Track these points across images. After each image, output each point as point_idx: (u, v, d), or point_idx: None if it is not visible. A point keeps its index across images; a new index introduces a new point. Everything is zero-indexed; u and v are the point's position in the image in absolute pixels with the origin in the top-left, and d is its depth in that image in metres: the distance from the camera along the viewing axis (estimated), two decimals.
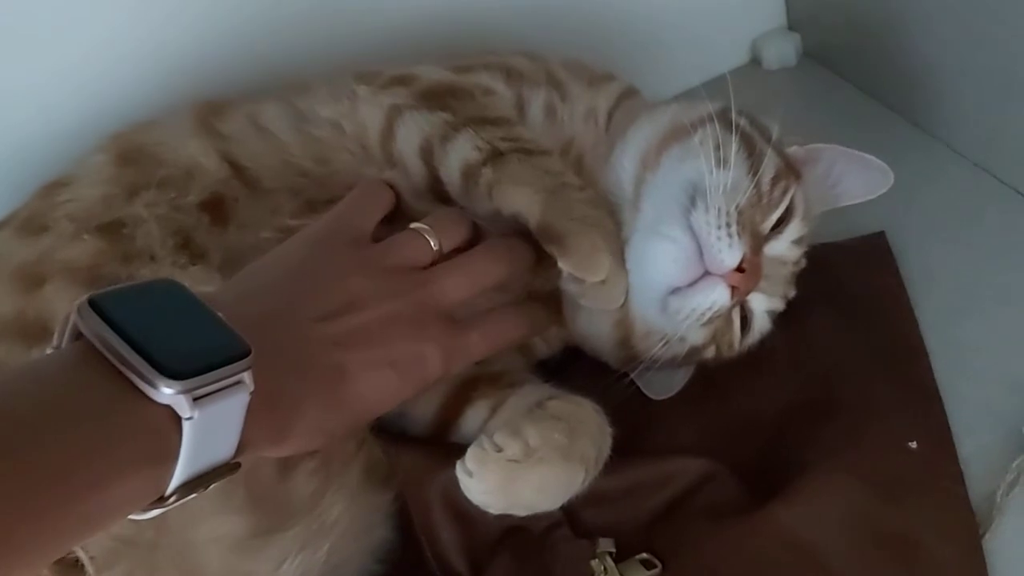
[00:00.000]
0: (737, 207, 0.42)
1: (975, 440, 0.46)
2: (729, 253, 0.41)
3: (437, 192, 0.45)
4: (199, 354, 0.28)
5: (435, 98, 0.46)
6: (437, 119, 0.44)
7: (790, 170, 0.46)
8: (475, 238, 0.43)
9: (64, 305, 0.41)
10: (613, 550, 0.43)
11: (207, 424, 0.28)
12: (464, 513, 0.43)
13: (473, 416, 0.45)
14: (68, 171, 0.47)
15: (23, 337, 0.41)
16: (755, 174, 0.43)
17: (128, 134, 0.48)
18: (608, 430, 0.42)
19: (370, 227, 0.39)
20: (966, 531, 0.42)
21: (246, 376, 0.29)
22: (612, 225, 0.44)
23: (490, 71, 0.49)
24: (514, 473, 0.39)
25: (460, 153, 0.43)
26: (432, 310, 0.38)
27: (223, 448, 0.29)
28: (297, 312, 0.34)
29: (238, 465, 0.30)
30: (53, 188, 0.47)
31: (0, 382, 0.27)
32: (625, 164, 0.47)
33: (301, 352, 0.33)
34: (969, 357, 0.49)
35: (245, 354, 0.29)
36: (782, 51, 0.71)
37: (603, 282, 0.42)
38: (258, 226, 0.45)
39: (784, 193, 0.45)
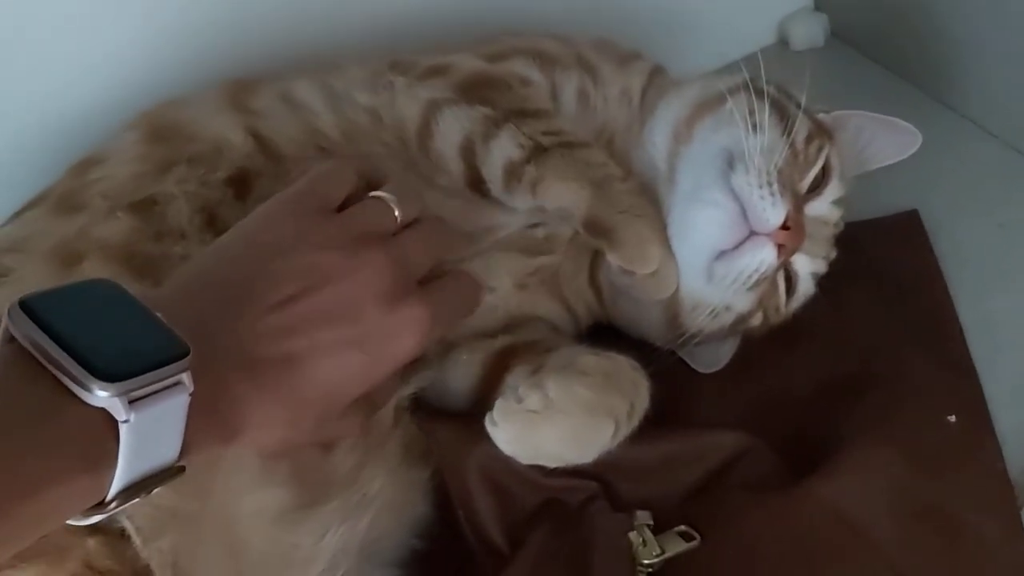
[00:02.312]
0: (776, 166, 0.42)
1: (1011, 414, 0.45)
2: (774, 211, 0.41)
3: (477, 188, 0.44)
4: (134, 355, 0.27)
5: (473, 90, 0.45)
6: (477, 114, 0.44)
7: (822, 131, 0.46)
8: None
9: None
10: (651, 523, 0.43)
11: (145, 427, 0.27)
12: (501, 486, 0.43)
13: (513, 383, 0.44)
14: (100, 149, 0.47)
15: None
16: (789, 135, 0.43)
17: (159, 111, 0.48)
18: (645, 384, 0.42)
19: (337, 199, 0.37)
20: (1005, 504, 0.42)
21: (184, 377, 0.28)
22: (658, 214, 0.43)
23: (523, 58, 0.48)
24: (532, 424, 0.39)
25: (503, 151, 0.43)
26: (401, 280, 0.35)
27: (164, 451, 0.28)
28: (244, 303, 0.32)
29: (182, 468, 0.29)
30: (86, 166, 0.46)
31: None
32: (656, 141, 0.46)
33: (244, 346, 0.31)
34: (1003, 332, 0.49)
35: (183, 354, 0.28)
36: (810, 31, 0.70)
37: (653, 273, 0.42)
38: None
39: (819, 151, 0.45)
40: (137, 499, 0.28)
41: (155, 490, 0.28)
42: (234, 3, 0.54)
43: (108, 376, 0.26)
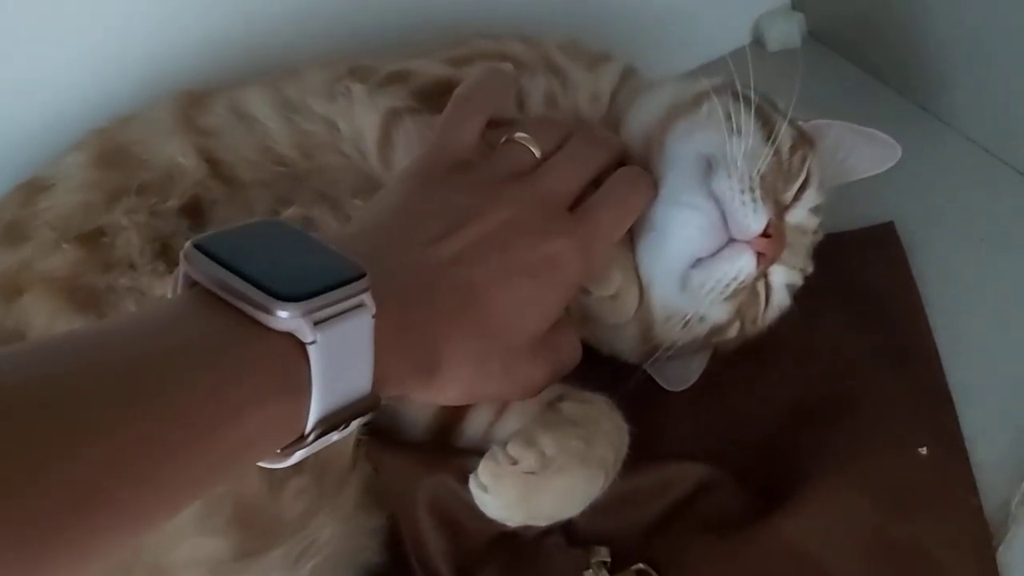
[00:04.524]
0: (759, 172, 0.38)
1: (988, 445, 0.41)
2: (755, 218, 0.38)
3: None
4: (312, 278, 0.26)
5: (435, 98, 0.41)
6: None
7: (804, 139, 0.43)
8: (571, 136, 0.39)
9: (42, 316, 0.38)
10: (608, 560, 0.39)
11: (333, 349, 0.25)
12: (452, 519, 0.40)
13: (476, 419, 0.41)
14: (47, 171, 0.44)
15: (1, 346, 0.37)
16: (772, 142, 0.40)
17: (108, 132, 0.44)
18: (624, 427, 0.39)
19: (470, 145, 0.36)
20: (979, 542, 0.38)
21: (365, 298, 0.26)
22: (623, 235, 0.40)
23: (488, 62, 0.44)
24: (532, 485, 0.35)
25: None
26: (546, 207, 0.34)
27: (357, 378, 0.27)
28: (407, 241, 0.32)
29: (379, 400, 0.27)
30: (33, 191, 0.43)
31: (115, 329, 0.25)
32: (629, 145, 0.42)
33: (421, 278, 0.30)
34: (981, 355, 0.45)
35: (360, 276, 0.27)
36: (785, 31, 0.66)
37: (612, 297, 0.39)
38: None
39: (803, 162, 0.42)
40: (336, 434, 0.27)
41: (353, 424, 0.27)
42: (191, 10, 0.50)
43: (288, 297, 0.25)
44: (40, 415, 0.21)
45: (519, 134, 0.36)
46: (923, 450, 0.41)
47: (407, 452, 0.40)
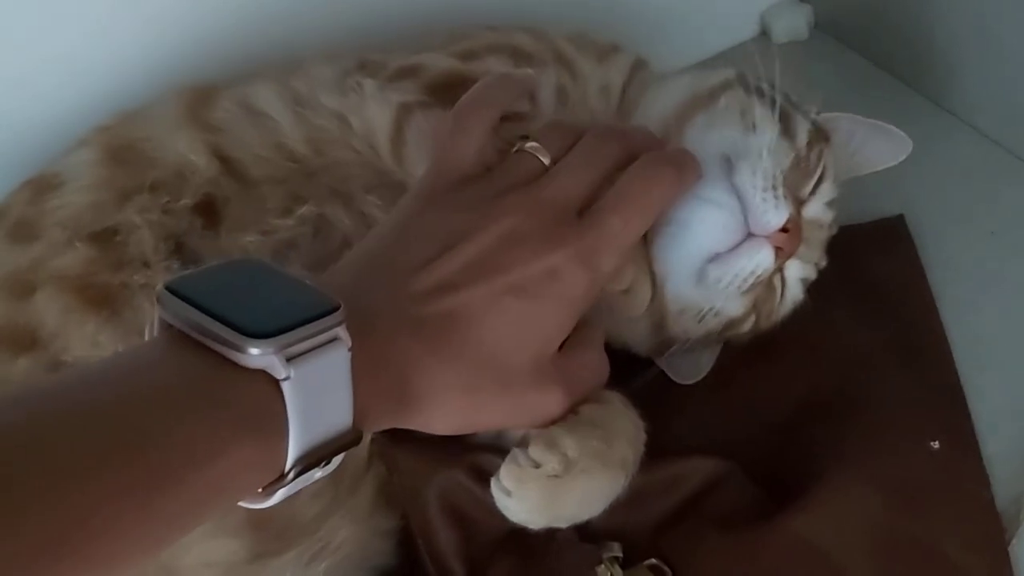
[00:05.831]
0: (781, 170, 0.38)
1: (999, 439, 0.41)
2: (776, 213, 0.37)
3: None
4: (284, 314, 0.25)
5: (446, 91, 0.40)
6: None
7: (821, 134, 0.42)
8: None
9: (55, 314, 0.38)
10: (620, 555, 0.39)
11: (308, 384, 0.24)
12: (464, 515, 0.39)
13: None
14: (55, 168, 0.42)
15: (13, 345, 0.37)
16: (792, 137, 0.39)
17: (115, 128, 0.43)
18: (641, 425, 0.38)
19: (472, 158, 0.34)
20: (991, 537, 0.38)
21: (340, 331, 0.26)
22: None
23: (497, 55, 0.43)
24: (556, 488, 0.34)
25: None
26: (550, 215, 0.32)
27: (335, 414, 0.26)
28: (394, 268, 0.30)
29: (359, 435, 0.26)
30: (42, 189, 0.42)
31: (91, 374, 0.24)
32: None
33: (404, 308, 0.29)
34: (992, 348, 0.44)
35: (335, 309, 0.26)
36: (793, 23, 0.64)
37: (626, 291, 0.37)
38: (248, 227, 0.40)
39: (820, 157, 0.41)
40: (318, 472, 0.26)
41: (335, 460, 0.26)
42: (190, 3, 0.49)
43: (260, 334, 0.24)
44: (20, 458, 0.21)
45: (529, 144, 0.34)
46: (934, 444, 0.40)
47: (419, 448, 0.39)
